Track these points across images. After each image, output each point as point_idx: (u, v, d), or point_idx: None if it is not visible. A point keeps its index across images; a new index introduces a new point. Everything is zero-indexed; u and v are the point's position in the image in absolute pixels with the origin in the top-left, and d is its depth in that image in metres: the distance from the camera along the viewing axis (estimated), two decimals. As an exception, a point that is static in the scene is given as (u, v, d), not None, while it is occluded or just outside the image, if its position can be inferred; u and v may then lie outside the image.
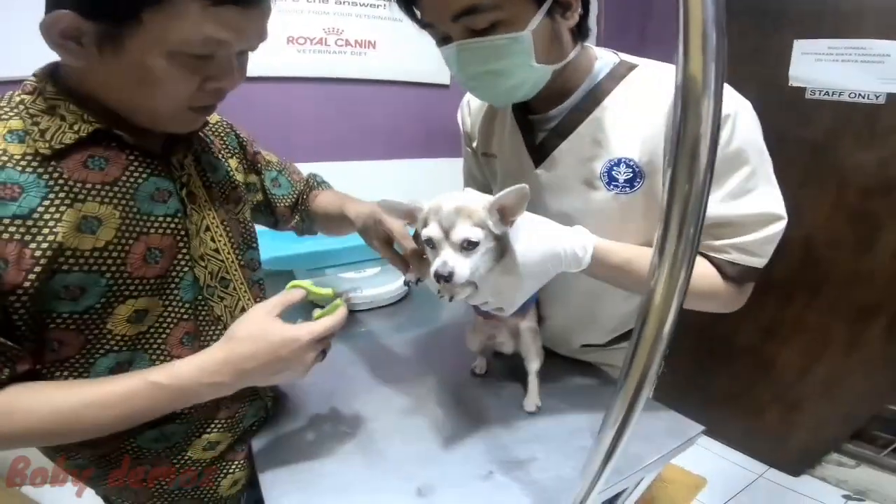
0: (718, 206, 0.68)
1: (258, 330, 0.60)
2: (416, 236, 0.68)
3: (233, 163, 0.80)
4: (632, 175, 0.72)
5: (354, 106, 1.64)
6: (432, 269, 0.60)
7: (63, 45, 0.49)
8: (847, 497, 1.73)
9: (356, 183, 1.07)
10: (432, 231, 0.62)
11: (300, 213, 0.95)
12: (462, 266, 0.60)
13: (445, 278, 0.59)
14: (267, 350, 0.59)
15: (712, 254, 0.72)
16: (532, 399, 0.84)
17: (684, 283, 0.36)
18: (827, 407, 1.72)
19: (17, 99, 0.53)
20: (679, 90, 0.32)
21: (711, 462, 1.87)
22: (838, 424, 1.74)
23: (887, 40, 1.39)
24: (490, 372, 0.95)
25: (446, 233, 0.60)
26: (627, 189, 0.73)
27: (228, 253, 0.71)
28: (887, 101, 1.44)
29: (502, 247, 0.64)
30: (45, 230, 0.50)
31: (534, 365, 0.84)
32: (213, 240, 0.69)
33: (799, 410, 1.77)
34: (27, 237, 0.49)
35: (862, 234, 1.55)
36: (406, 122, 1.75)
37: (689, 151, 0.33)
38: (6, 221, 0.48)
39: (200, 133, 0.73)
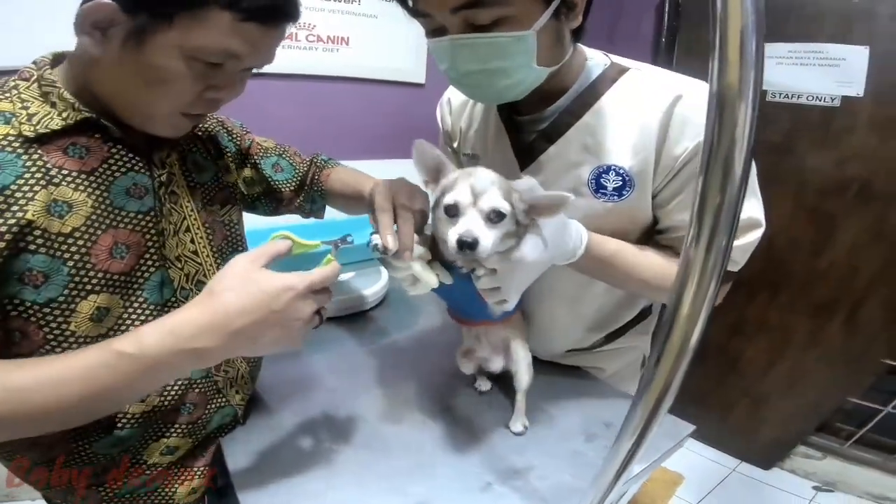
0: None
1: (244, 280, 0.52)
2: (436, 205, 0.63)
3: (222, 163, 0.77)
4: (621, 183, 0.71)
5: (325, 104, 1.59)
6: (453, 234, 0.56)
7: (90, 33, 0.51)
8: (817, 488, 1.79)
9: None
10: (460, 194, 0.57)
11: (308, 193, 0.91)
12: (486, 237, 0.56)
13: (469, 245, 0.54)
14: (258, 302, 0.50)
15: None
16: (519, 419, 0.80)
17: (713, 296, 0.35)
18: (792, 401, 1.78)
19: (12, 84, 0.55)
20: (714, 97, 0.31)
21: (686, 458, 1.91)
22: (803, 418, 1.81)
23: (844, 44, 1.46)
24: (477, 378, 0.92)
25: (475, 198, 0.57)
26: (615, 198, 0.72)
27: (207, 255, 0.69)
28: (842, 104, 1.51)
29: (518, 236, 0.61)
30: (15, 207, 0.49)
31: (524, 382, 0.79)
32: (192, 241, 0.67)
33: (766, 405, 1.83)
34: None
35: (819, 233, 1.62)
36: (379, 120, 1.71)
37: (723, 160, 0.32)
38: None
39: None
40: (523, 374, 0.79)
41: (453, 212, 0.58)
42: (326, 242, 0.63)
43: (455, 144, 0.93)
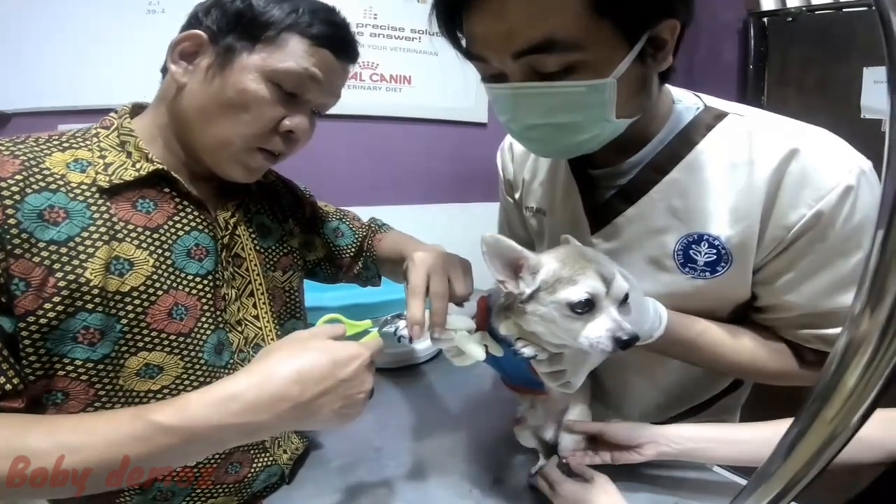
0: (819, 298, 0.58)
1: (305, 348, 0.49)
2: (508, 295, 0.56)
3: (287, 226, 0.76)
4: (715, 257, 0.59)
5: (386, 146, 1.57)
6: (596, 333, 0.48)
7: (178, 62, 0.57)
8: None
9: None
10: (594, 286, 0.49)
11: (364, 260, 0.88)
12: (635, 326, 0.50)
13: (629, 343, 0.48)
14: (326, 370, 0.47)
15: (793, 339, 0.63)
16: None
17: (888, 379, 0.27)
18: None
19: (93, 132, 0.57)
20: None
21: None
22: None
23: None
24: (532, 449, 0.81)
25: (607, 286, 0.50)
26: (707, 274, 0.60)
27: (268, 321, 0.68)
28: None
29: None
30: (75, 262, 0.49)
31: (566, 449, 0.70)
32: (255, 306, 0.66)
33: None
34: (55, 266, 0.48)
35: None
36: (440, 163, 1.67)
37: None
38: (41, 245, 0.47)
39: (254, 192, 0.71)
40: (567, 443, 0.69)
41: (587, 307, 0.49)
42: (375, 322, 0.58)
43: (517, 195, 0.83)
